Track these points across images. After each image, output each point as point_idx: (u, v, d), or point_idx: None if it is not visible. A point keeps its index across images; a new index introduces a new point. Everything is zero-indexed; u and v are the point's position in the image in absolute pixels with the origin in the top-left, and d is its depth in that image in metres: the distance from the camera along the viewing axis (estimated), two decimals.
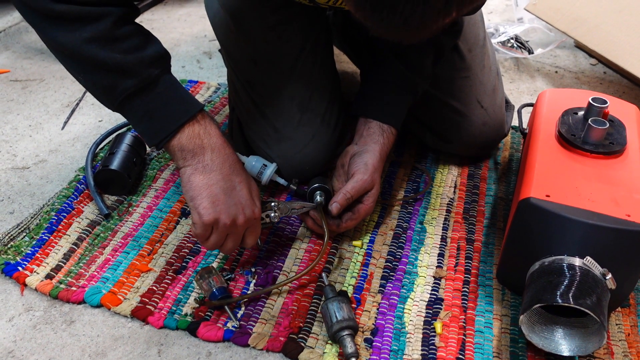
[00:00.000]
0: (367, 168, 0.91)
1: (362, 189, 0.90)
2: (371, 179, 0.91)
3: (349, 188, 0.89)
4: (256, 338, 0.80)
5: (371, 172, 0.91)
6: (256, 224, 0.84)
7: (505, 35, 1.65)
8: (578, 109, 0.93)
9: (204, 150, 0.78)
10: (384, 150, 0.95)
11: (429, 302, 0.87)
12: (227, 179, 0.79)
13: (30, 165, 1.13)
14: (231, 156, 0.81)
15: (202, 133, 0.78)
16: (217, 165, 0.78)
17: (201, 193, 0.77)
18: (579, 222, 0.74)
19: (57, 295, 0.85)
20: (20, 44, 1.59)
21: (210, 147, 0.79)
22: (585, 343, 0.74)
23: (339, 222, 0.92)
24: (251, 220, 0.82)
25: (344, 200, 0.89)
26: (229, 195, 0.79)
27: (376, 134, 0.95)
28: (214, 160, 0.78)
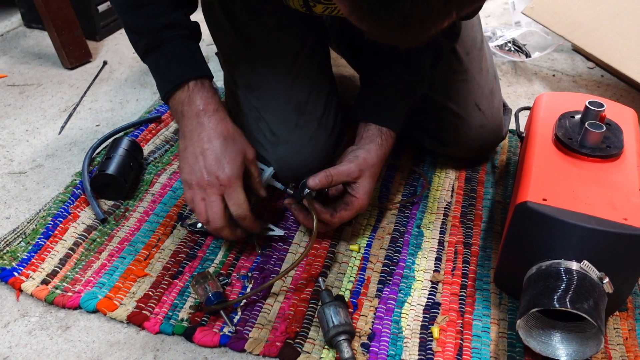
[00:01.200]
0: (357, 158, 0.90)
1: (345, 174, 0.89)
2: (357, 169, 0.89)
3: (332, 169, 0.89)
4: (252, 343, 0.79)
5: (359, 162, 0.89)
6: (230, 191, 0.83)
7: (502, 38, 1.65)
8: (575, 113, 0.93)
9: (183, 117, 0.85)
10: (381, 151, 0.93)
11: (426, 307, 0.86)
12: (197, 145, 0.84)
13: (27, 170, 1.13)
14: (204, 125, 0.84)
15: (186, 101, 0.85)
16: (189, 132, 0.85)
17: (180, 156, 0.86)
18: (576, 225, 0.74)
19: (53, 301, 0.85)
20: (18, 48, 1.59)
21: (187, 115, 0.85)
22: (582, 347, 0.74)
23: (332, 211, 0.90)
24: (216, 185, 0.83)
25: (324, 178, 0.87)
26: (196, 161, 0.83)
27: (374, 135, 0.94)
28: (187, 127, 0.85)
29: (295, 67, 1.00)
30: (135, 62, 1.54)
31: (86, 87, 1.41)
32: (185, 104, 0.85)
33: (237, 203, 0.85)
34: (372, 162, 0.91)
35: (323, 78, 1.05)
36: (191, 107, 0.84)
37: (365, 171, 0.90)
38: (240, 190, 0.85)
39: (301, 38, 1.01)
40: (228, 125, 0.86)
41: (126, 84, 1.44)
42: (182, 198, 1.04)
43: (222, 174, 0.83)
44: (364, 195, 0.90)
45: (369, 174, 0.91)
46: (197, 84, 0.85)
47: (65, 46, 1.46)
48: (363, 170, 0.90)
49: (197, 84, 0.85)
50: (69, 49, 1.47)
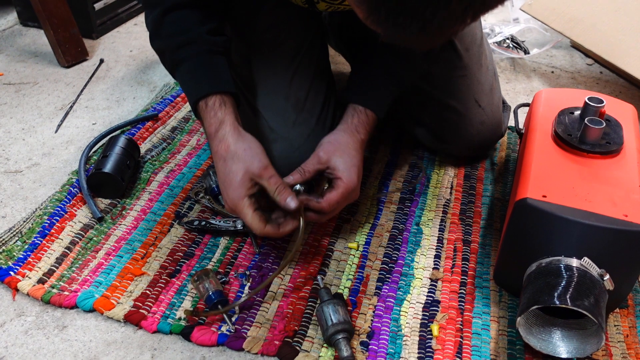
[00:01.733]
0: (321, 145, 0.90)
1: (315, 162, 0.88)
2: (323, 152, 0.88)
3: (303, 164, 0.89)
4: (251, 342, 0.79)
5: (322, 147, 0.89)
6: (241, 215, 0.82)
7: (501, 35, 1.64)
8: (574, 109, 0.92)
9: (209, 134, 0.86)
10: (352, 128, 0.91)
11: (426, 305, 0.86)
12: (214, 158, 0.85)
13: (23, 169, 1.12)
14: (213, 147, 0.85)
15: (204, 122, 0.86)
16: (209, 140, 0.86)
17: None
18: (576, 222, 0.74)
19: (50, 300, 0.84)
20: (14, 47, 1.58)
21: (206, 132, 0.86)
22: (583, 345, 0.74)
23: (318, 197, 0.86)
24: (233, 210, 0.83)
25: (297, 173, 0.87)
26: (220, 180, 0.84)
27: (347, 115, 0.93)
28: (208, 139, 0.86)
29: (294, 64, 0.99)
30: (132, 60, 1.54)
31: (83, 86, 1.40)
32: (204, 124, 0.86)
33: (249, 224, 0.82)
34: (338, 141, 0.89)
35: (322, 75, 1.04)
36: (207, 128, 0.86)
37: (334, 152, 0.88)
38: (246, 210, 0.81)
39: (300, 35, 1.01)
40: (227, 144, 0.83)
41: (123, 82, 1.43)
42: (179, 196, 1.03)
43: (227, 199, 0.83)
44: (344, 171, 0.86)
45: (339, 153, 0.88)
46: (202, 105, 0.85)
47: (61, 44, 1.45)
48: (331, 152, 0.88)
49: (201, 105, 0.85)
50: (65, 47, 1.46)
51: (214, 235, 0.96)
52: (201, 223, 0.95)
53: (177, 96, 1.32)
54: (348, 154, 0.88)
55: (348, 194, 0.87)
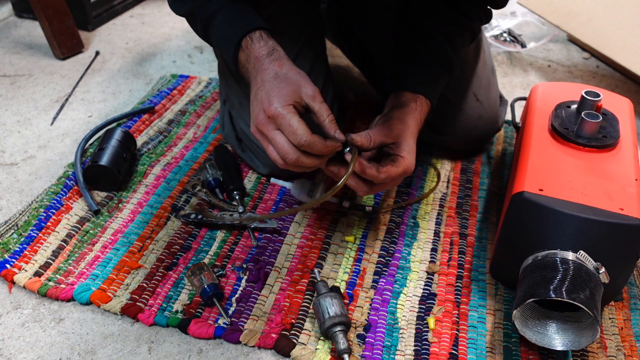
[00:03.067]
0: (389, 117, 0.85)
1: (384, 134, 0.82)
2: (393, 126, 0.83)
3: (370, 130, 0.83)
4: (248, 335, 0.79)
5: (393, 121, 0.84)
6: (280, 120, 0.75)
7: (498, 29, 1.64)
8: (571, 103, 0.93)
9: (248, 72, 0.83)
10: (417, 115, 0.87)
11: (422, 298, 0.86)
12: (254, 89, 0.81)
13: (18, 161, 1.12)
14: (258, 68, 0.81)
15: (245, 60, 0.83)
16: (252, 83, 0.82)
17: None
18: (572, 216, 0.74)
19: (46, 293, 0.84)
20: (9, 39, 1.57)
21: (250, 69, 0.83)
22: (578, 337, 0.74)
23: (378, 166, 0.81)
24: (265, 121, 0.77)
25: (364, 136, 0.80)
26: (253, 103, 0.80)
27: (408, 100, 0.88)
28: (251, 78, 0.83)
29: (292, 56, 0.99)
30: (128, 52, 1.53)
31: (78, 78, 1.40)
32: (246, 62, 0.83)
33: (291, 131, 0.74)
34: (407, 122, 0.85)
35: (320, 68, 1.04)
36: (249, 61, 0.82)
37: (404, 131, 0.84)
38: (291, 116, 0.75)
39: (298, 28, 1.00)
40: (282, 63, 0.80)
41: (119, 75, 1.42)
42: (176, 189, 1.03)
43: (267, 105, 0.76)
44: (408, 154, 0.83)
45: (408, 134, 0.84)
46: (247, 40, 0.83)
47: (56, 36, 1.44)
48: (399, 129, 0.84)
49: (247, 40, 0.83)
50: (61, 39, 1.45)
51: (210, 228, 0.96)
52: (198, 216, 0.95)
53: (174, 89, 1.32)
54: (413, 138, 0.85)
55: (404, 174, 0.83)
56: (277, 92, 0.76)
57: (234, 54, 0.83)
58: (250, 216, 0.91)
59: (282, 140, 0.75)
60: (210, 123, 1.22)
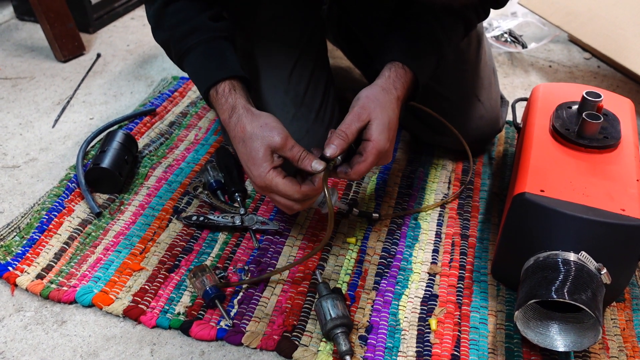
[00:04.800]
0: (358, 98, 0.81)
1: (356, 120, 0.79)
2: (362, 108, 0.80)
3: (341, 126, 0.79)
4: (250, 337, 0.79)
5: (362, 102, 0.80)
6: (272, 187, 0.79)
7: (498, 29, 1.64)
8: (572, 103, 0.93)
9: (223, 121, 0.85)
10: (388, 83, 0.83)
11: (424, 299, 0.86)
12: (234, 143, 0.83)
13: (20, 164, 1.12)
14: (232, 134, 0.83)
15: (218, 111, 0.85)
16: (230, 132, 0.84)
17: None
18: (573, 216, 0.74)
19: (48, 296, 0.84)
20: (11, 41, 1.57)
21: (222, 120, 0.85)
22: (580, 338, 0.74)
23: (346, 168, 0.80)
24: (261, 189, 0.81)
25: (338, 139, 0.78)
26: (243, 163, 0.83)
27: (383, 72, 0.85)
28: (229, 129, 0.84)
29: (293, 58, 0.99)
30: (129, 54, 1.53)
31: (80, 80, 1.40)
32: (218, 110, 0.85)
33: (284, 195, 0.79)
34: (376, 96, 0.81)
35: (321, 69, 1.04)
36: (222, 114, 0.84)
37: (374, 108, 0.80)
38: (277, 181, 0.78)
39: (299, 29, 1.00)
40: (243, 125, 0.81)
41: (120, 77, 1.43)
42: (178, 191, 1.03)
43: (255, 179, 0.80)
44: (378, 135, 0.79)
45: (379, 110, 0.80)
46: (212, 94, 0.84)
47: (58, 39, 1.45)
48: (370, 108, 0.80)
49: (212, 93, 0.84)
50: (62, 41, 1.46)
51: (212, 230, 0.96)
52: (200, 218, 0.95)
53: (175, 91, 1.32)
54: (384, 113, 0.80)
55: (378, 158, 0.81)
56: (252, 162, 0.80)
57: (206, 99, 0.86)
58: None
59: (283, 200, 0.81)
60: (212, 125, 1.22)
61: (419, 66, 0.87)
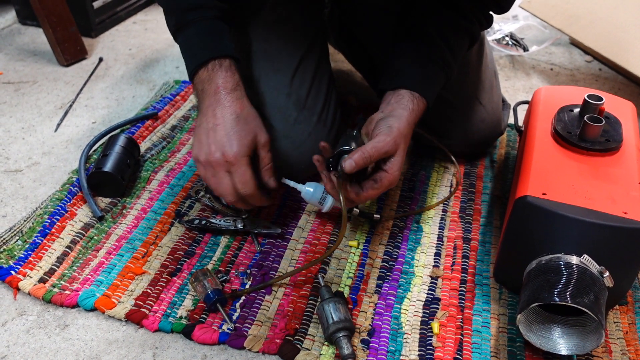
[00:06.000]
0: (391, 130, 0.83)
1: (383, 151, 0.82)
2: (394, 142, 0.82)
3: (368, 147, 0.81)
4: (252, 340, 0.79)
5: (395, 135, 0.82)
6: (236, 168, 0.83)
7: (500, 32, 1.64)
8: (574, 106, 0.93)
9: (202, 94, 0.86)
10: (412, 118, 0.86)
11: (426, 302, 0.86)
12: (210, 121, 0.84)
13: (23, 168, 1.12)
14: (220, 102, 0.84)
15: (205, 80, 0.85)
16: (205, 108, 0.85)
17: (194, 132, 0.87)
18: (575, 220, 0.74)
19: (51, 299, 0.84)
20: (13, 46, 1.58)
21: (206, 92, 0.85)
22: (583, 342, 0.74)
23: (358, 189, 0.84)
24: (222, 163, 0.83)
25: (361, 159, 0.80)
26: (207, 136, 0.84)
27: (405, 99, 0.87)
28: (204, 104, 0.86)
29: (296, 61, 0.99)
30: (131, 58, 1.53)
31: (82, 84, 1.40)
32: (205, 82, 0.85)
33: (243, 181, 0.83)
34: (405, 132, 0.85)
35: (323, 73, 1.04)
36: (210, 85, 0.85)
37: (401, 144, 0.84)
38: (246, 167, 0.83)
39: (301, 32, 1.01)
40: (244, 104, 0.86)
41: (122, 81, 1.43)
42: (180, 195, 1.03)
43: (228, 150, 0.82)
44: (397, 170, 0.83)
45: (403, 147, 0.84)
46: (217, 63, 0.85)
47: (60, 43, 1.45)
48: (399, 144, 0.83)
49: (216, 64, 0.85)
50: (64, 45, 1.46)
51: (214, 234, 0.96)
52: (202, 222, 0.95)
53: (177, 94, 1.32)
54: (405, 149, 0.85)
55: (387, 189, 0.85)
56: (238, 138, 0.83)
57: (195, 68, 0.86)
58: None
59: (228, 183, 0.84)
60: None
61: (433, 97, 0.91)
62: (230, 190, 0.84)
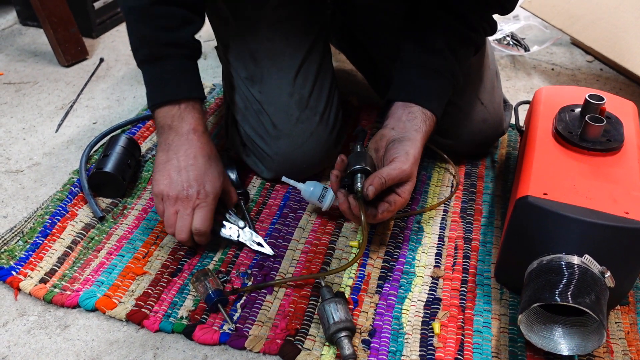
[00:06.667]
0: (408, 158, 0.84)
1: (398, 179, 0.84)
2: (410, 170, 0.84)
3: (385, 174, 0.82)
4: (253, 341, 0.79)
5: (412, 163, 0.84)
6: (203, 205, 0.87)
7: (501, 32, 1.64)
8: (575, 106, 0.92)
9: (170, 130, 0.88)
10: (425, 139, 0.89)
11: (427, 302, 0.86)
12: (181, 160, 0.87)
13: (24, 168, 1.12)
14: (192, 142, 0.88)
15: (176, 117, 0.88)
16: (175, 146, 0.87)
17: (158, 167, 0.88)
18: (577, 220, 0.74)
19: (52, 300, 0.84)
20: (14, 46, 1.58)
21: (175, 130, 0.88)
22: (584, 342, 0.74)
23: (375, 212, 0.85)
24: (194, 199, 0.86)
25: (379, 185, 0.82)
26: (179, 174, 0.86)
27: (418, 119, 0.89)
28: (174, 142, 0.88)
29: (299, 61, 0.99)
30: (132, 59, 1.53)
31: (83, 85, 1.40)
32: (175, 119, 0.88)
33: (204, 218, 0.87)
34: (418, 158, 0.87)
35: (325, 73, 1.04)
36: (182, 123, 0.88)
37: (414, 171, 0.86)
38: (212, 208, 0.88)
39: (304, 32, 1.01)
40: (212, 147, 0.91)
41: (123, 81, 1.43)
42: None
43: (202, 190, 0.87)
44: (409, 194, 0.86)
45: (415, 172, 0.87)
46: (189, 104, 0.88)
47: (61, 43, 1.45)
48: (414, 171, 0.86)
49: (189, 105, 0.88)
50: (65, 46, 1.46)
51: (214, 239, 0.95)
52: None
53: None
54: (417, 173, 0.88)
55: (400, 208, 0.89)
56: (212, 180, 0.88)
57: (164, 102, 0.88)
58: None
59: (188, 221, 0.86)
60: (214, 129, 1.22)
61: (441, 112, 0.93)
62: (188, 227, 0.87)
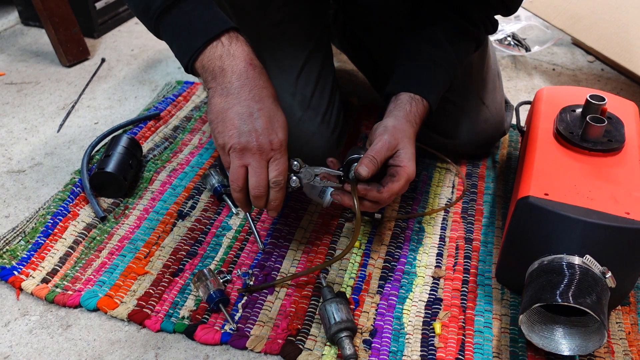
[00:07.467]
0: (386, 128, 0.83)
1: (384, 149, 0.81)
2: (392, 137, 0.82)
3: (370, 151, 0.81)
4: (254, 341, 0.79)
5: (390, 131, 0.82)
6: (278, 156, 0.76)
7: (502, 32, 1.64)
8: (576, 107, 0.93)
9: (224, 72, 0.75)
10: (411, 116, 0.86)
11: (428, 303, 0.86)
12: (244, 104, 0.75)
13: (25, 168, 1.12)
14: (254, 81, 0.75)
15: (225, 55, 0.74)
16: (235, 88, 0.75)
17: (217, 116, 0.75)
18: (578, 220, 0.74)
19: (53, 300, 0.84)
20: (16, 46, 1.58)
21: (231, 69, 0.74)
22: (585, 342, 0.74)
23: (378, 186, 0.82)
24: (267, 151, 0.75)
25: (370, 163, 0.79)
26: (244, 121, 0.74)
27: (403, 102, 0.87)
28: (232, 83, 0.75)
29: (301, 62, 1.00)
30: (134, 59, 1.54)
31: (84, 85, 1.41)
32: (224, 58, 0.74)
33: (281, 169, 0.77)
34: (402, 127, 0.84)
35: (327, 74, 1.04)
36: (234, 60, 0.75)
37: (402, 138, 0.83)
38: (286, 157, 0.78)
39: (307, 32, 1.01)
40: (273, 86, 0.78)
41: (124, 82, 1.43)
42: (182, 195, 1.03)
43: (275, 138, 0.76)
44: (408, 162, 0.82)
45: (406, 140, 0.84)
46: (232, 37, 0.75)
47: (62, 44, 1.45)
48: (399, 138, 0.83)
49: (231, 37, 0.75)
50: (67, 46, 1.46)
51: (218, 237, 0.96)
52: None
53: (179, 95, 1.32)
54: (410, 143, 0.84)
55: (407, 183, 0.83)
56: (282, 124, 0.77)
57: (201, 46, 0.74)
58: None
59: (265, 174, 0.76)
60: None
61: (435, 99, 0.90)
62: (265, 182, 0.76)
